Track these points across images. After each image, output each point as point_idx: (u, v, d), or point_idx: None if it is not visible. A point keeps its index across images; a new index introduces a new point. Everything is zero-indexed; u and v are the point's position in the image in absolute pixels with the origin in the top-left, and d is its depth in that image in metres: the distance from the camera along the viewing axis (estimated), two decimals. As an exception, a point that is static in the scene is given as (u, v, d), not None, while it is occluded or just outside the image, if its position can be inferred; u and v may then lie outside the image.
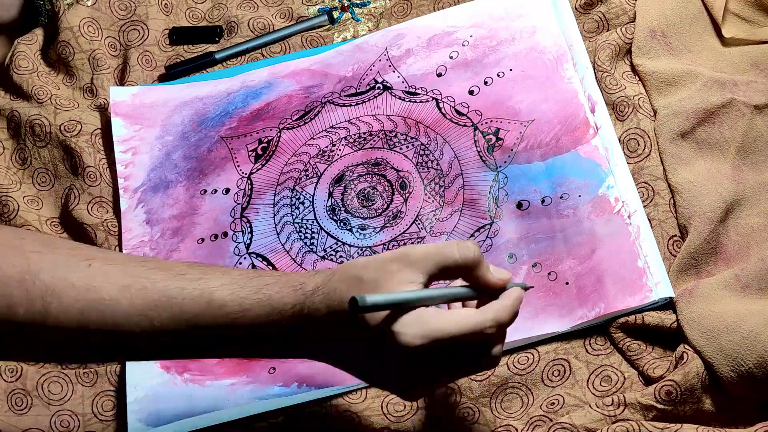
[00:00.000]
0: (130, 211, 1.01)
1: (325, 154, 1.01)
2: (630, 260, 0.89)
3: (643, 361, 0.87)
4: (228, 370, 0.92)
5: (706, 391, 0.86)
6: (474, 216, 0.95)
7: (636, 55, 1.00)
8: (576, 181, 0.94)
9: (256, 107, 1.05)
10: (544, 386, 0.88)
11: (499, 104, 1.00)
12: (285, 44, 1.10)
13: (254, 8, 1.13)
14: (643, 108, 0.97)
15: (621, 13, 1.03)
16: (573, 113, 0.97)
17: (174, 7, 1.13)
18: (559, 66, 1.00)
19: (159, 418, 0.90)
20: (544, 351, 0.89)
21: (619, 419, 0.84)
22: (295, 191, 1.00)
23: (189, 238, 0.99)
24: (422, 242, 0.95)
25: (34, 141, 1.05)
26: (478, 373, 0.80)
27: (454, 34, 1.05)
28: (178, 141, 1.04)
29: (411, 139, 1.00)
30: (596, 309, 0.88)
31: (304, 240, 0.97)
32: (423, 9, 1.09)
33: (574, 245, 0.91)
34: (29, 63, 1.08)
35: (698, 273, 0.90)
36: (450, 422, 0.87)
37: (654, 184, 0.93)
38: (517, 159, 0.97)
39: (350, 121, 1.03)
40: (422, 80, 1.03)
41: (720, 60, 1.00)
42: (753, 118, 0.96)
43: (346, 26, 1.11)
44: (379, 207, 0.98)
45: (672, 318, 0.88)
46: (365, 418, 0.88)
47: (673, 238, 0.91)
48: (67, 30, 1.09)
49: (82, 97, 1.08)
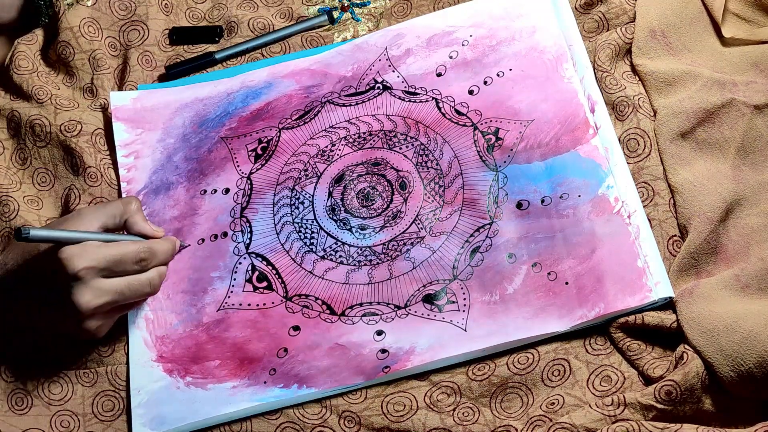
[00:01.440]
0: (132, 214, 1.01)
1: (325, 154, 1.01)
2: (630, 260, 0.89)
3: (643, 361, 0.87)
4: (229, 372, 0.92)
5: (706, 391, 0.86)
6: (474, 216, 0.95)
7: (636, 55, 1.00)
8: (576, 181, 0.94)
9: (256, 107, 1.05)
10: (544, 386, 0.88)
11: (498, 104, 1.00)
12: (285, 44, 1.10)
13: (254, 8, 1.13)
14: (643, 108, 0.97)
15: (621, 13, 1.03)
16: (573, 113, 0.97)
17: (174, 7, 1.13)
18: (559, 66, 1.00)
19: (163, 422, 0.90)
20: (544, 351, 0.89)
21: (619, 419, 0.84)
22: (294, 191, 1.00)
23: (189, 238, 0.99)
24: (422, 242, 0.95)
25: (34, 141, 1.05)
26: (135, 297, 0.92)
27: (453, 34, 1.05)
28: (179, 143, 1.04)
29: (411, 139, 1.00)
30: (596, 309, 0.88)
31: (304, 240, 0.97)
32: (423, 9, 1.09)
33: (574, 245, 0.91)
34: (29, 63, 1.08)
35: (698, 273, 0.90)
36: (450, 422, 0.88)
37: (654, 184, 0.93)
38: (516, 159, 0.97)
39: (350, 121, 1.03)
40: (422, 80, 1.03)
41: (720, 60, 1.00)
42: (753, 118, 0.96)
43: (346, 26, 1.11)
44: (378, 207, 0.98)
45: (672, 318, 0.88)
46: (365, 418, 0.88)
47: (673, 238, 0.91)
48: (67, 30, 1.09)
49: (82, 97, 1.08)
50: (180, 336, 0.94)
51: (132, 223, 0.92)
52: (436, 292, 0.92)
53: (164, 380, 0.92)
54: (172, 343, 0.94)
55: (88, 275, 0.87)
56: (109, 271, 0.88)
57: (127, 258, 0.89)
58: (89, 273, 0.87)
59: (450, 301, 0.92)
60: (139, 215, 0.93)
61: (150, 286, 0.92)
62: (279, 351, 0.92)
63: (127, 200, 0.93)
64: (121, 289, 0.89)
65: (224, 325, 0.94)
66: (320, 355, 0.91)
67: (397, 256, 0.95)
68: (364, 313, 0.93)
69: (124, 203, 0.93)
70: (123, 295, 0.90)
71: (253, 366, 0.92)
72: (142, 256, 0.90)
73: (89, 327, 0.89)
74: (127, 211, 0.92)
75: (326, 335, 0.92)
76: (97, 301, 0.87)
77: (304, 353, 0.91)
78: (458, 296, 0.92)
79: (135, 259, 0.90)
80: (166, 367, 0.93)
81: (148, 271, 0.92)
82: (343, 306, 0.93)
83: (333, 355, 0.91)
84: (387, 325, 0.92)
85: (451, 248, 0.94)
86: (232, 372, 0.92)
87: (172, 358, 0.93)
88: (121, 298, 0.90)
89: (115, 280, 0.89)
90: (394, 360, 0.90)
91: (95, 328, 0.90)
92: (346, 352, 0.91)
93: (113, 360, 0.95)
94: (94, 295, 0.87)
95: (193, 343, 0.94)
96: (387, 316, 0.92)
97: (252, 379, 0.91)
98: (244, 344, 0.93)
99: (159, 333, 0.94)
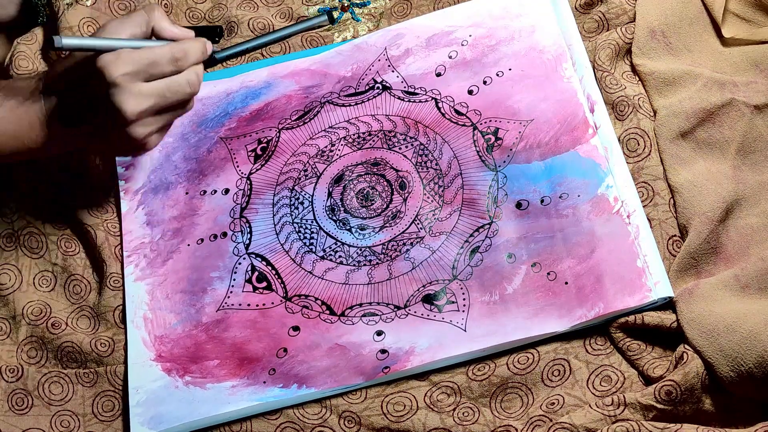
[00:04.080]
0: (131, 213, 1.01)
1: (325, 154, 1.01)
2: (629, 260, 0.89)
3: (643, 361, 0.87)
4: (228, 372, 0.92)
5: (706, 391, 0.86)
6: (473, 216, 0.95)
7: (636, 55, 1.00)
8: (575, 180, 0.94)
9: (256, 107, 1.05)
10: (544, 386, 0.88)
11: (498, 104, 1.00)
12: (285, 44, 1.10)
13: (254, 8, 1.13)
14: (643, 108, 0.97)
15: (621, 13, 1.03)
16: (572, 113, 0.97)
17: (174, 7, 1.13)
18: (558, 65, 1.00)
19: (161, 421, 0.90)
20: (544, 351, 0.89)
21: (619, 419, 0.84)
22: (294, 191, 1.00)
23: (189, 238, 0.99)
24: (421, 242, 0.95)
25: (34, 141, 1.05)
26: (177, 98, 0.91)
27: (453, 34, 1.05)
28: (178, 142, 1.04)
29: (410, 139, 1.00)
30: (595, 309, 0.88)
31: (303, 240, 0.97)
32: (423, 9, 1.09)
33: (574, 245, 0.91)
34: (29, 63, 1.08)
35: (698, 273, 0.90)
36: (450, 422, 0.88)
37: (654, 184, 0.93)
38: (516, 158, 0.97)
39: (349, 121, 1.03)
40: (421, 80, 1.03)
41: (720, 60, 1.00)
42: (753, 118, 0.96)
43: (346, 26, 1.11)
44: (378, 207, 0.98)
45: (672, 318, 0.88)
46: (365, 418, 0.89)
47: (673, 238, 0.91)
48: (66, 30, 1.09)
49: (81, 97, 1.08)
50: (179, 336, 0.94)
51: (160, 29, 0.92)
52: (435, 292, 0.92)
53: (163, 379, 0.92)
54: (171, 343, 0.94)
55: (126, 80, 0.87)
56: (147, 74, 0.89)
57: (162, 59, 0.89)
58: (127, 78, 0.87)
59: (450, 301, 0.92)
60: (165, 21, 0.92)
61: (189, 85, 0.92)
62: (278, 351, 0.92)
63: (149, 8, 0.93)
64: (162, 91, 0.90)
65: (223, 325, 0.94)
66: (320, 355, 0.91)
67: (396, 256, 0.95)
68: (363, 313, 0.93)
69: (147, 11, 0.92)
70: (165, 97, 0.90)
71: (252, 366, 0.92)
72: (176, 55, 0.90)
73: (137, 134, 0.90)
74: (153, 18, 0.92)
75: (326, 335, 0.92)
76: (141, 105, 0.88)
77: (303, 353, 0.91)
78: (458, 296, 0.91)
79: (169, 59, 0.90)
80: (164, 366, 0.93)
81: (185, 71, 0.91)
82: (343, 306, 0.93)
83: (333, 355, 0.91)
84: (387, 326, 0.92)
85: (451, 248, 0.94)
86: (232, 372, 0.92)
87: (170, 358, 0.93)
88: (164, 101, 0.90)
89: (155, 83, 0.89)
90: (393, 360, 0.90)
91: (143, 135, 0.91)
92: (346, 352, 0.91)
93: (113, 360, 0.95)
94: (137, 99, 0.88)
95: (192, 342, 0.94)
96: (387, 317, 0.92)
97: (251, 379, 0.91)
98: (244, 344, 0.93)
99: (158, 332, 0.94)
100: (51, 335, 0.97)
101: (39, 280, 1.00)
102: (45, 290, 0.99)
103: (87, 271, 1.00)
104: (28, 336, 0.97)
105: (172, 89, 0.90)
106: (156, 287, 0.97)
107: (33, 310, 0.98)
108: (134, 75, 0.88)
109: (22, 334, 0.97)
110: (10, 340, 0.98)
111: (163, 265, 0.98)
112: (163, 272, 0.98)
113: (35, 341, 0.97)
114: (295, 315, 0.94)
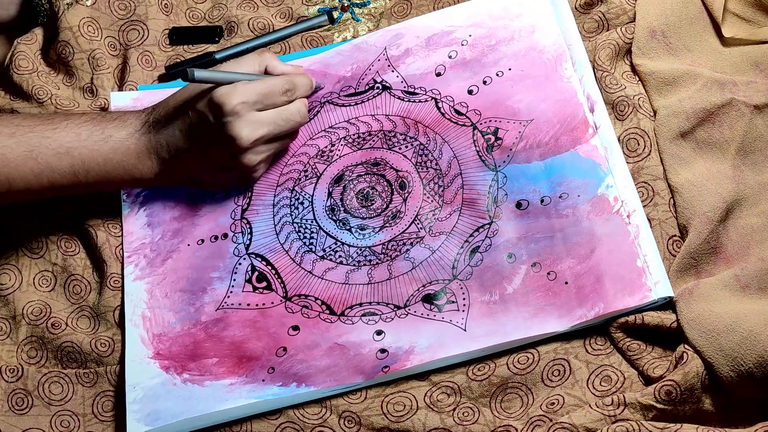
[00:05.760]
0: (132, 215, 1.01)
1: (325, 154, 1.01)
2: (629, 260, 0.89)
3: (643, 361, 0.87)
4: (227, 370, 0.92)
5: (705, 391, 0.86)
6: (473, 216, 0.95)
7: (636, 55, 1.00)
8: (575, 180, 0.94)
9: (256, 107, 1.05)
10: (544, 386, 0.88)
11: (498, 104, 1.00)
12: (285, 44, 1.10)
13: (254, 8, 1.13)
14: (643, 108, 0.97)
15: (621, 13, 1.03)
16: (572, 113, 0.97)
17: (174, 7, 1.13)
18: (558, 65, 1.00)
19: (158, 418, 0.90)
20: (544, 351, 0.89)
21: (619, 419, 0.84)
22: (294, 192, 1.00)
23: (189, 238, 0.99)
24: (421, 242, 0.95)
25: (34, 141, 1.05)
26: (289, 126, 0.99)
27: (452, 34, 1.05)
28: (179, 141, 1.04)
29: (410, 139, 1.00)
30: (595, 309, 0.88)
31: (303, 240, 0.97)
32: (423, 9, 1.09)
33: (574, 245, 0.91)
34: (29, 63, 1.08)
35: (698, 273, 0.90)
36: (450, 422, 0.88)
37: (654, 184, 0.93)
38: (516, 158, 0.97)
39: (349, 121, 1.03)
40: (421, 80, 1.03)
41: (720, 60, 1.00)
42: (753, 118, 0.96)
43: (346, 26, 1.11)
44: (378, 207, 0.98)
45: (672, 318, 0.87)
46: (365, 418, 0.88)
47: (673, 238, 0.91)
48: (66, 30, 1.09)
49: (82, 97, 1.08)
50: (177, 334, 0.94)
51: (272, 67, 1.00)
52: (435, 292, 0.92)
53: (160, 377, 0.92)
54: (170, 341, 0.94)
55: (243, 109, 0.93)
56: (261, 104, 0.95)
57: (275, 90, 0.96)
58: (244, 107, 0.93)
59: (449, 301, 0.92)
60: (276, 60, 1.01)
61: (299, 114, 0.99)
62: (278, 350, 0.92)
63: (258, 52, 1.03)
64: (275, 119, 0.96)
65: (223, 324, 0.94)
66: (319, 354, 0.91)
67: (396, 256, 0.95)
68: (363, 313, 0.93)
69: (258, 54, 1.01)
70: (278, 125, 0.97)
71: (251, 364, 0.92)
72: (287, 87, 0.98)
73: (250, 161, 0.96)
74: (265, 58, 1.00)
75: (326, 335, 0.92)
76: (256, 133, 0.95)
77: (303, 353, 0.91)
78: (458, 296, 0.91)
79: (281, 90, 0.97)
80: (162, 364, 0.93)
81: (294, 102, 0.99)
82: (343, 306, 0.93)
83: (332, 354, 0.91)
84: (386, 325, 0.91)
85: (451, 248, 0.94)
86: (230, 370, 0.92)
87: (168, 356, 0.93)
88: (277, 129, 0.97)
89: (268, 112, 0.96)
90: (393, 360, 0.90)
91: (255, 163, 0.97)
92: (346, 351, 0.91)
93: (113, 360, 0.95)
94: (252, 128, 0.94)
95: (191, 341, 0.94)
96: (386, 316, 0.92)
97: (250, 377, 0.91)
98: (243, 343, 0.93)
99: (156, 331, 0.94)
100: (51, 335, 0.97)
101: (39, 280, 1.00)
102: (45, 290, 1.00)
103: (87, 271, 1.00)
104: (28, 336, 0.97)
105: (284, 117, 0.97)
106: (155, 286, 0.97)
107: (33, 310, 0.98)
108: (251, 105, 0.94)
109: (22, 334, 0.97)
110: (10, 340, 0.98)
111: (162, 265, 0.98)
112: (162, 271, 0.98)
113: (35, 341, 0.97)
114: (295, 315, 0.94)
